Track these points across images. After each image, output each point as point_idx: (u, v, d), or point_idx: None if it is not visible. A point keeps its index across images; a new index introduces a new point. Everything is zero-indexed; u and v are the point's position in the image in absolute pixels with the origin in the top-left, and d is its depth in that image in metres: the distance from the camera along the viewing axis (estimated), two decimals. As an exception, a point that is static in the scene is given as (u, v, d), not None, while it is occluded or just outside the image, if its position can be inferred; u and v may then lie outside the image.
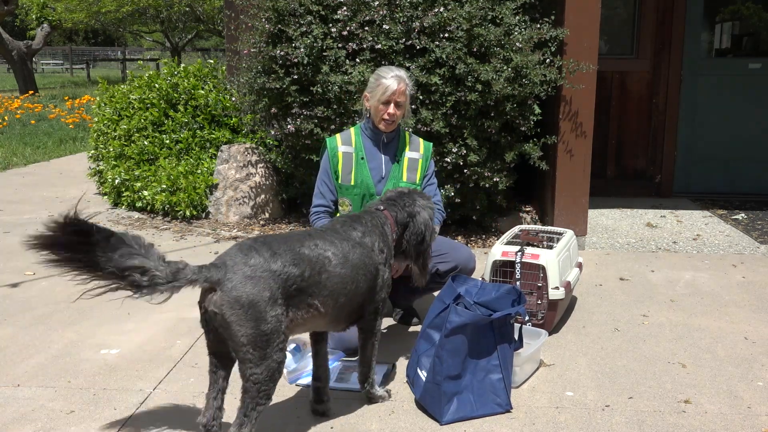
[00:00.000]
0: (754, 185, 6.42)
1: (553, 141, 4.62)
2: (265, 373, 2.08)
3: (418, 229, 2.64)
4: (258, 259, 2.11)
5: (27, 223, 5.51)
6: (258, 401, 2.10)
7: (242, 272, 2.06)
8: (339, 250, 2.33)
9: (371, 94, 3.05)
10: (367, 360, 2.58)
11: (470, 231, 5.06)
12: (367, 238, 2.47)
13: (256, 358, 2.06)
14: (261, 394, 2.10)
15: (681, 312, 3.65)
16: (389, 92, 2.97)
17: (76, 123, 11.47)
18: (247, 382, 2.09)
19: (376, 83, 3.02)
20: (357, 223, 2.50)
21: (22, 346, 3.18)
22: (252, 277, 2.07)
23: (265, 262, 2.11)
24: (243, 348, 2.06)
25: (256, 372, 2.07)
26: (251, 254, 2.12)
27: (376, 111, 3.04)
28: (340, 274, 2.31)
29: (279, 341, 2.10)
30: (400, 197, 2.70)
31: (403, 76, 3.02)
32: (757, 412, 2.61)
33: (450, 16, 4.35)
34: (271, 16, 4.59)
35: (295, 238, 2.29)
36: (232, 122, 5.76)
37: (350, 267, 2.35)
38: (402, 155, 3.17)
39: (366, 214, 2.59)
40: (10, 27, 28.68)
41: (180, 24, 25.36)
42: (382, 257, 2.51)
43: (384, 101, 3.00)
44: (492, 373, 2.56)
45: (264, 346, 2.06)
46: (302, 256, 2.22)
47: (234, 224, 5.30)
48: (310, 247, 2.26)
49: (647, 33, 6.09)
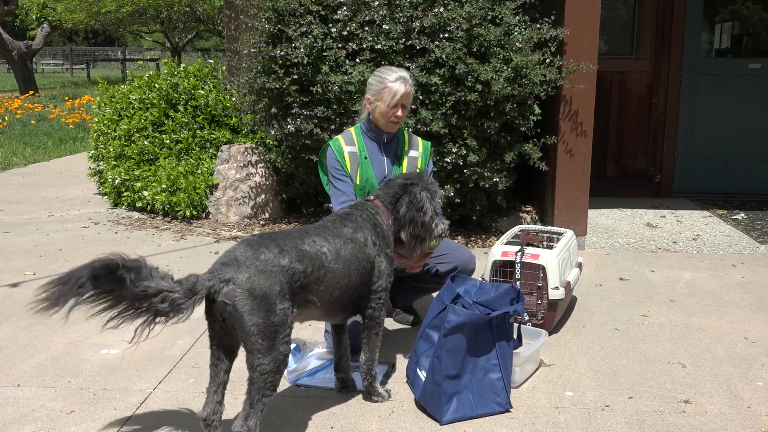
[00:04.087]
0: (754, 185, 6.42)
1: (552, 141, 4.62)
2: (272, 364, 2.15)
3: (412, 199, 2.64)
4: (268, 254, 2.19)
5: (27, 223, 5.52)
6: (264, 392, 2.17)
7: (255, 266, 2.14)
8: (333, 246, 2.40)
9: (376, 97, 3.01)
10: (371, 349, 2.62)
11: (470, 231, 5.06)
12: (359, 233, 2.53)
13: (264, 349, 2.13)
14: (267, 385, 2.16)
15: (681, 312, 3.65)
16: (398, 96, 2.97)
17: (76, 123, 11.48)
18: (255, 373, 2.15)
19: (381, 86, 2.99)
20: (347, 221, 2.56)
21: (22, 346, 3.18)
22: (264, 271, 2.15)
23: (275, 258, 2.19)
24: (252, 338, 2.12)
25: (263, 362, 2.14)
26: (261, 250, 2.19)
27: (384, 114, 3.02)
28: (334, 269, 2.38)
29: (285, 334, 2.19)
30: (388, 183, 2.75)
31: (407, 77, 3.02)
32: (757, 412, 2.62)
33: (450, 16, 4.35)
34: (271, 16, 4.59)
35: (295, 235, 2.36)
36: (232, 122, 5.76)
37: (343, 262, 2.42)
38: (402, 154, 3.18)
39: (356, 210, 2.62)
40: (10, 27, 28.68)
41: (180, 24, 25.36)
42: (376, 249, 2.56)
43: (393, 105, 2.99)
44: (491, 373, 2.56)
45: (272, 338, 2.14)
46: (304, 252, 2.30)
47: (234, 224, 5.30)
48: (309, 244, 2.34)
49: (647, 33, 6.10)
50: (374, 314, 2.60)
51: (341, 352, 2.69)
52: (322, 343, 3.10)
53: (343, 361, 2.70)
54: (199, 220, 5.43)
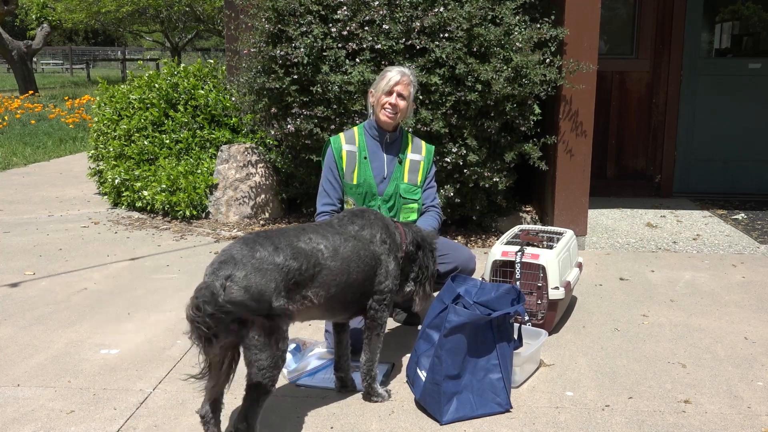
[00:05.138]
0: (754, 185, 6.42)
1: (552, 141, 4.62)
2: (270, 360, 2.17)
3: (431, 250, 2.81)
4: (263, 252, 2.21)
5: (27, 223, 5.51)
6: (263, 388, 2.18)
7: (251, 264, 2.15)
8: (330, 243, 2.42)
9: (375, 88, 3.11)
10: (372, 350, 2.63)
11: (470, 231, 5.06)
12: (366, 230, 2.56)
13: (262, 345, 2.14)
14: (266, 381, 2.18)
15: (681, 312, 3.65)
16: (392, 82, 3.05)
17: (76, 123, 11.47)
18: (253, 369, 2.17)
19: (380, 77, 3.11)
20: (356, 218, 2.61)
21: (22, 346, 3.18)
22: (260, 269, 2.16)
23: (270, 256, 2.21)
24: (249, 335, 2.14)
25: (261, 358, 2.16)
26: (256, 248, 2.21)
27: (379, 102, 3.07)
28: (330, 266, 2.39)
29: (283, 330, 2.21)
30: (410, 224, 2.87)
31: (406, 71, 3.11)
32: (757, 412, 2.61)
33: (450, 16, 4.35)
34: (271, 16, 4.59)
35: (291, 232, 2.38)
36: (232, 122, 5.76)
37: (341, 260, 2.43)
38: (404, 156, 3.17)
39: (371, 211, 2.70)
40: (10, 27, 28.67)
41: (180, 24, 25.35)
42: (385, 248, 2.59)
43: (387, 91, 3.06)
44: (491, 373, 2.56)
45: (269, 334, 2.16)
46: (300, 250, 2.31)
47: (234, 224, 5.30)
48: (305, 241, 2.36)
49: (647, 33, 6.09)
50: (376, 315, 2.60)
51: (341, 351, 2.70)
52: (322, 343, 3.10)
53: (343, 361, 2.70)
54: (199, 220, 5.43)
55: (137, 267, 4.36)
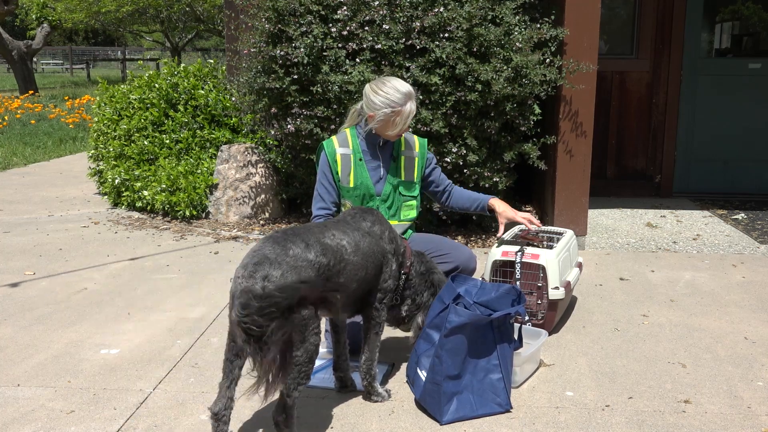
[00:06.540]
0: (754, 185, 6.42)
1: (552, 141, 4.62)
2: (305, 356, 2.21)
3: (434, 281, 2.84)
4: (296, 249, 2.24)
5: (27, 222, 5.52)
6: (299, 381, 2.23)
7: (286, 263, 2.17)
8: (352, 239, 2.47)
9: (383, 119, 2.97)
10: (371, 349, 2.64)
11: (470, 231, 5.06)
12: (377, 227, 2.62)
13: (297, 341, 2.18)
14: (301, 375, 2.23)
15: (681, 312, 3.65)
16: (412, 116, 3.01)
17: (76, 123, 11.48)
18: (289, 366, 2.21)
19: (390, 111, 2.94)
20: (368, 214, 2.67)
21: (22, 346, 3.18)
22: (295, 266, 2.19)
23: (302, 253, 2.25)
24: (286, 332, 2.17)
25: (297, 354, 2.19)
26: (288, 246, 2.23)
27: (397, 132, 3.03)
28: (353, 261, 2.44)
29: (314, 326, 2.24)
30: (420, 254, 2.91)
31: (411, 91, 3.00)
32: (757, 412, 2.61)
33: (450, 16, 4.35)
34: (271, 16, 4.59)
35: (315, 229, 2.42)
36: (232, 122, 5.76)
37: (361, 255, 2.48)
38: (399, 155, 3.17)
39: (376, 210, 2.75)
40: (10, 27, 28.68)
41: (180, 24, 25.37)
42: (392, 247, 2.64)
43: (408, 125, 3.02)
44: (492, 373, 2.56)
45: (303, 330, 2.18)
46: (327, 246, 2.36)
47: (234, 224, 5.30)
48: (330, 237, 2.40)
49: (647, 33, 6.09)
50: (375, 314, 2.62)
51: (340, 351, 2.71)
52: (321, 343, 3.10)
53: (341, 360, 2.71)
54: (199, 219, 5.43)
55: (137, 267, 4.36)
